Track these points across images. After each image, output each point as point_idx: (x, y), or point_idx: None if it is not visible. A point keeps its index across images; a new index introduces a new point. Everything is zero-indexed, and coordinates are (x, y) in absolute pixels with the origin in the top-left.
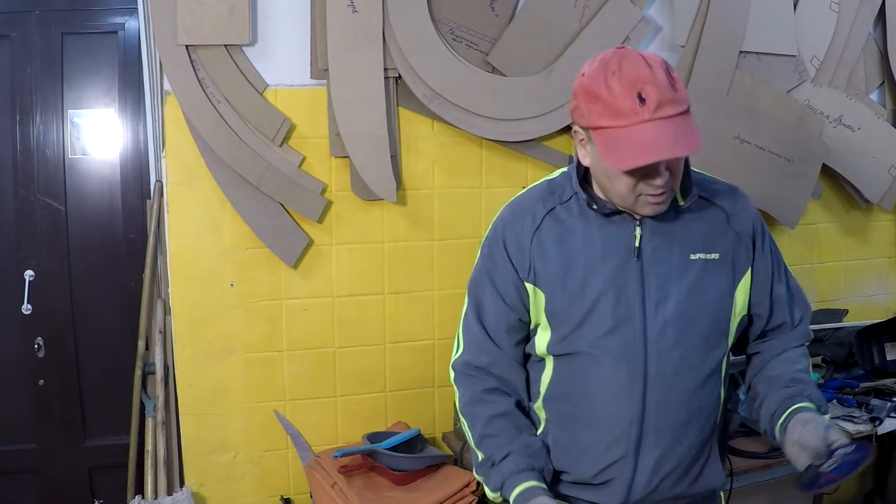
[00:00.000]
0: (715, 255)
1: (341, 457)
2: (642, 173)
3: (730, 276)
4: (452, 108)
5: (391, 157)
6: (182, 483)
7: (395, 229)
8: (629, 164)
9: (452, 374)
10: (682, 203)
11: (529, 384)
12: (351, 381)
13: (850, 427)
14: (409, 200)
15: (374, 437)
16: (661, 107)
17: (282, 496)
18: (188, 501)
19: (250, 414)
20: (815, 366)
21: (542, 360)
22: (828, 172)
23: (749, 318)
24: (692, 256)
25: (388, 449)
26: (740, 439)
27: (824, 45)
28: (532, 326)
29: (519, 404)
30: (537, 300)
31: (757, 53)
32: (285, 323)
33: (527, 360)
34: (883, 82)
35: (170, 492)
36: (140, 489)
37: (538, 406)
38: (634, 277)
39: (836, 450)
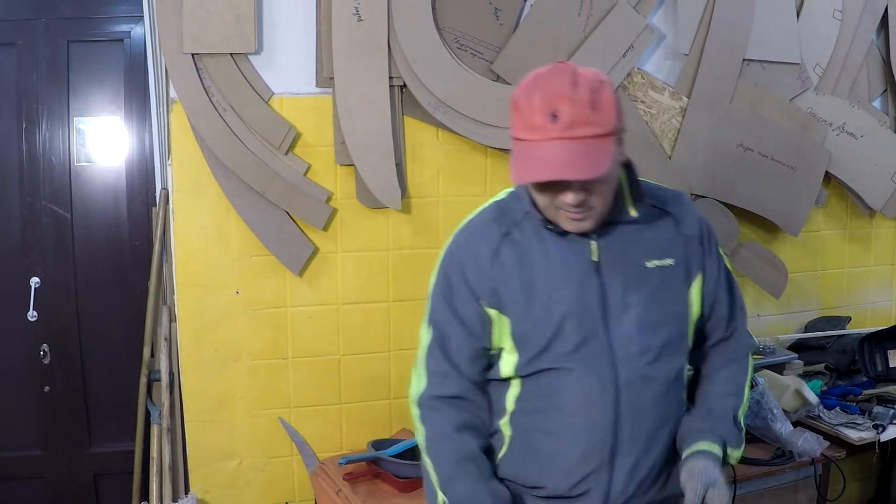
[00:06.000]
0: (670, 261)
1: (346, 464)
2: (554, 189)
3: (684, 280)
4: (457, 117)
5: (396, 165)
6: (187, 490)
7: (399, 237)
8: (521, 177)
9: (417, 412)
10: (633, 214)
11: (492, 402)
12: (356, 388)
13: (854, 434)
14: (414, 208)
15: (378, 445)
16: (572, 127)
17: (287, 503)
18: None
19: (255, 421)
20: (817, 373)
21: (506, 380)
22: (831, 180)
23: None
24: (648, 264)
25: (392, 456)
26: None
27: (827, 53)
28: (495, 350)
29: (486, 445)
30: (501, 325)
31: (760, 61)
32: (290, 330)
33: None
34: (886, 90)
35: (175, 498)
36: (145, 496)
37: (504, 423)
38: (595, 292)
39: None
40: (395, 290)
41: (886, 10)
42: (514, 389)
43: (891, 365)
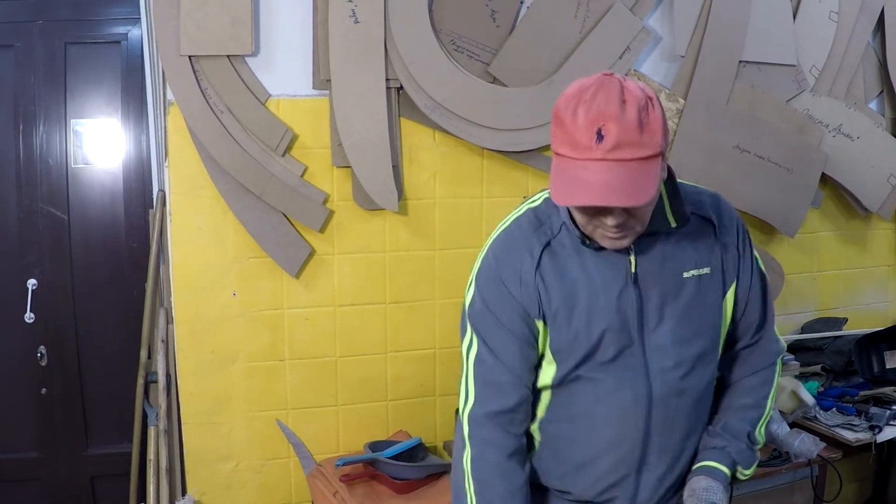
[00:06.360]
0: (707, 270)
1: (343, 465)
2: (595, 210)
3: (720, 288)
4: (454, 119)
5: (393, 167)
6: (184, 492)
7: (396, 239)
8: (565, 199)
9: (466, 430)
10: (673, 224)
11: None
12: (352, 390)
13: (850, 435)
14: (411, 210)
15: (375, 446)
16: (619, 148)
17: None
18: None
19: (252, 423)
20: (814, 374)
21: (539, 389)
22: (827, 181)
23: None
24: (685, 275)
25: (389, 458)
26: None
27: (823, 54)
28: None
29: (530, 467)
30: (546, 336)
31: (756, 63)
32: (287, 332)
33: None
34: (882, 91)
35: (172, 500)
36: (142, 498)
37: (534, 428)
38: (633, 304)
39: None
40: (392, 291)
41: (883, 11)
42: (546, 397)
43: (887, 366)
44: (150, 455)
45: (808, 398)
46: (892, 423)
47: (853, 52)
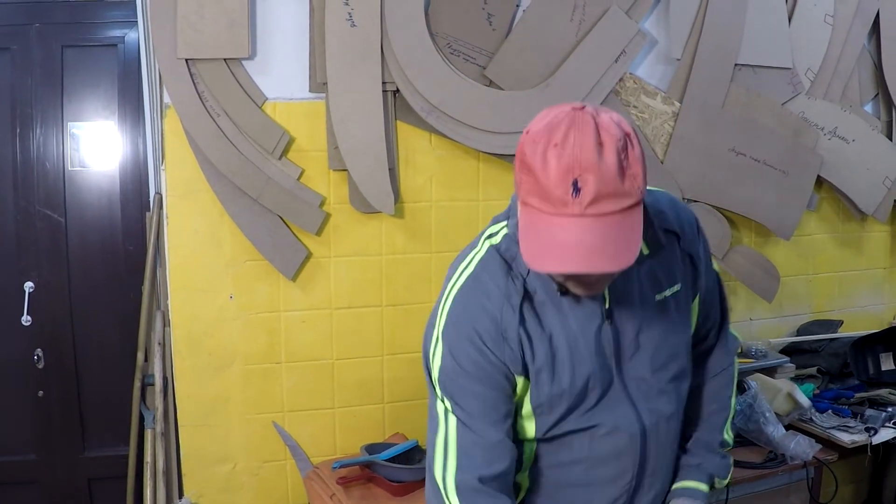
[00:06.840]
0: (677, 287)
1: (340, 468)
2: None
3: (689, 301)
4: (450, 122)
5: (389, 170)
6: (181, 494)
7: (393, 242)
8: (540, 265)
9: (455, 495)
10: (645, 252)
11: None
12: (349, 392)
13: (846, 437)
14: (407, 213)
15: (372, 449)
16: (598, 202)
17: None
18: None
19: (249, 425)
20: (810, 376)
21: (521, 440)
22: (822, 184)
23: None
24: (658, 297)
25: (386, 460)
26: (736, 450)
27: (819, 57)
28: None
29: None
30: (525, 390)
31: (752, 66)
32: (284, 335)
33: None
34: (877, 94)
35: (169, 503)
36: (139, 500)
37: (521, 476)
38: (610, 340)
39: None
40: (388, 294)
41: (878, 14)
42: (531, 448)
43: (882, 368)
44: (147, 458)
45: (804, 400)
46: (887, 425)
47: (848, 55)
